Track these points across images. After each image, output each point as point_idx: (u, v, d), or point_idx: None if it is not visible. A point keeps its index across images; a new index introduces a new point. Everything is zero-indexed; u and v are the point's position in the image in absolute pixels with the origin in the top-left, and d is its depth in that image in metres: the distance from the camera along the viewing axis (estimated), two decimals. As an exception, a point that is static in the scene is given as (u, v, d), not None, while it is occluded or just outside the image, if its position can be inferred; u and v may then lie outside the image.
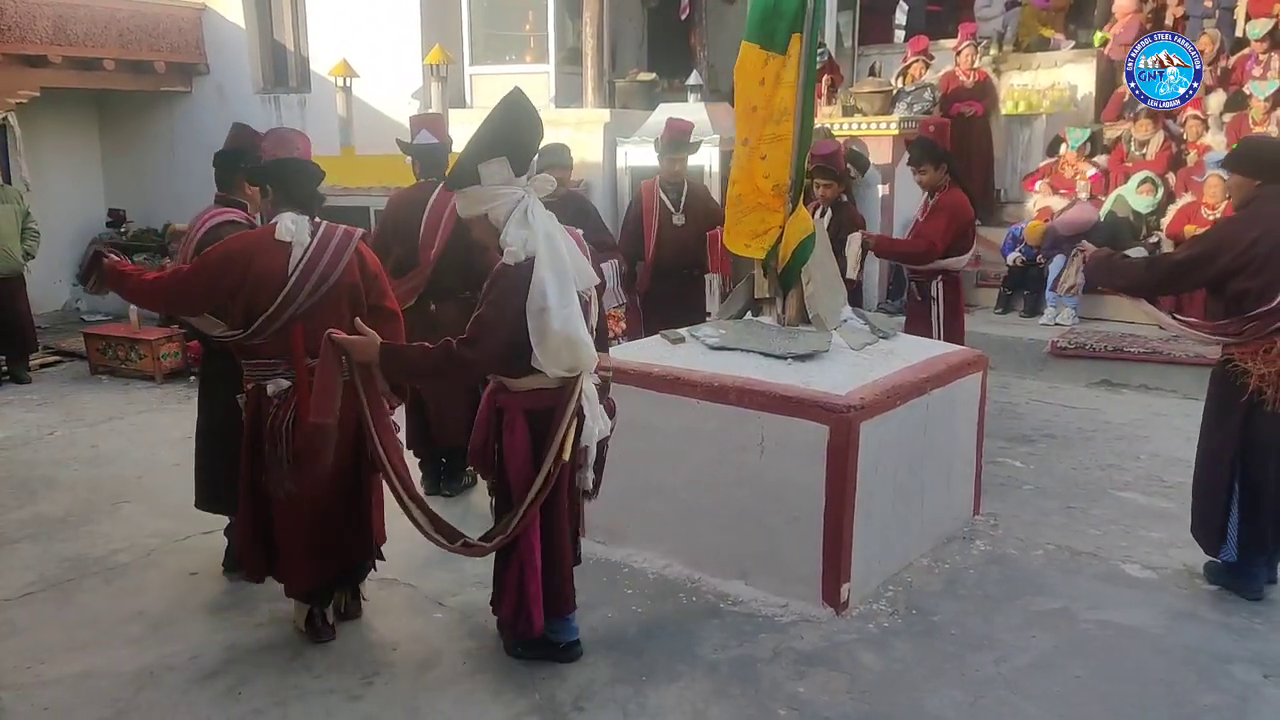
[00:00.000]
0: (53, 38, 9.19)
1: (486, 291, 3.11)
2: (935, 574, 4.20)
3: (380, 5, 9.58)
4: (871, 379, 4.02)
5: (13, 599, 4.04)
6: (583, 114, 8.94)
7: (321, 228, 3.53)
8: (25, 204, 7.98)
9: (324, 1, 9.94)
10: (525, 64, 9.59)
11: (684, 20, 10.28)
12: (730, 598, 3.96)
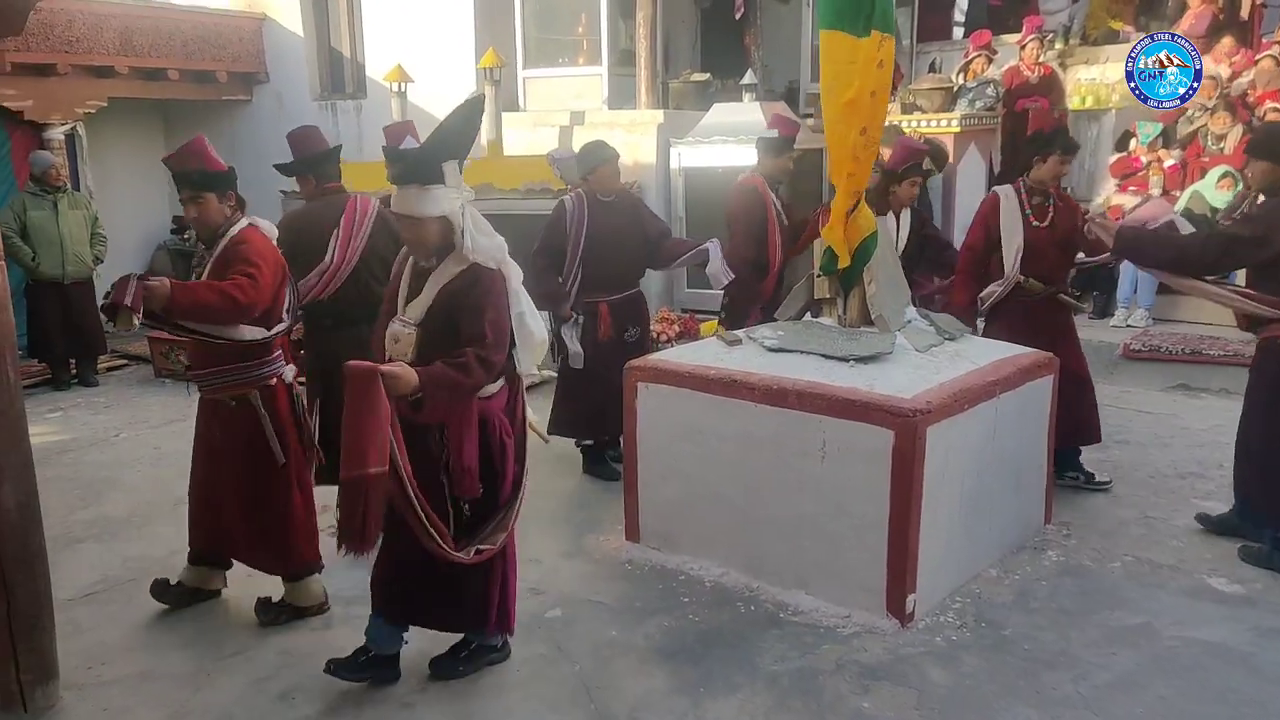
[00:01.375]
0: (119, 49, 9.40)
1: (482, 295, 3.00)
2: (1005, 585, 4.03)
3: (435, 10, 9.63)
4: (937, 382, 3.88)
5: (76, 599, 4.08)
6: (636, 115, 8.88)
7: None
8: (94, 210, 8.16)
9: (380, 8, 10.03)
10: (578, 66, 9.56)
11: (738, 20, 10.17)
12: (790, 607, 3.85)
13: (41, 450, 3.49)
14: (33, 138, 8.75)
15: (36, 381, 7.85)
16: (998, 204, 4.98)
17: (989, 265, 4.99)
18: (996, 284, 4.94)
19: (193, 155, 3.63)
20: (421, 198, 2.97)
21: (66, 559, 4.44)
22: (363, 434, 2.77)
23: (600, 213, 5.24)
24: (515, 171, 8.16)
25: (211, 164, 3.63)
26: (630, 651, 3.59)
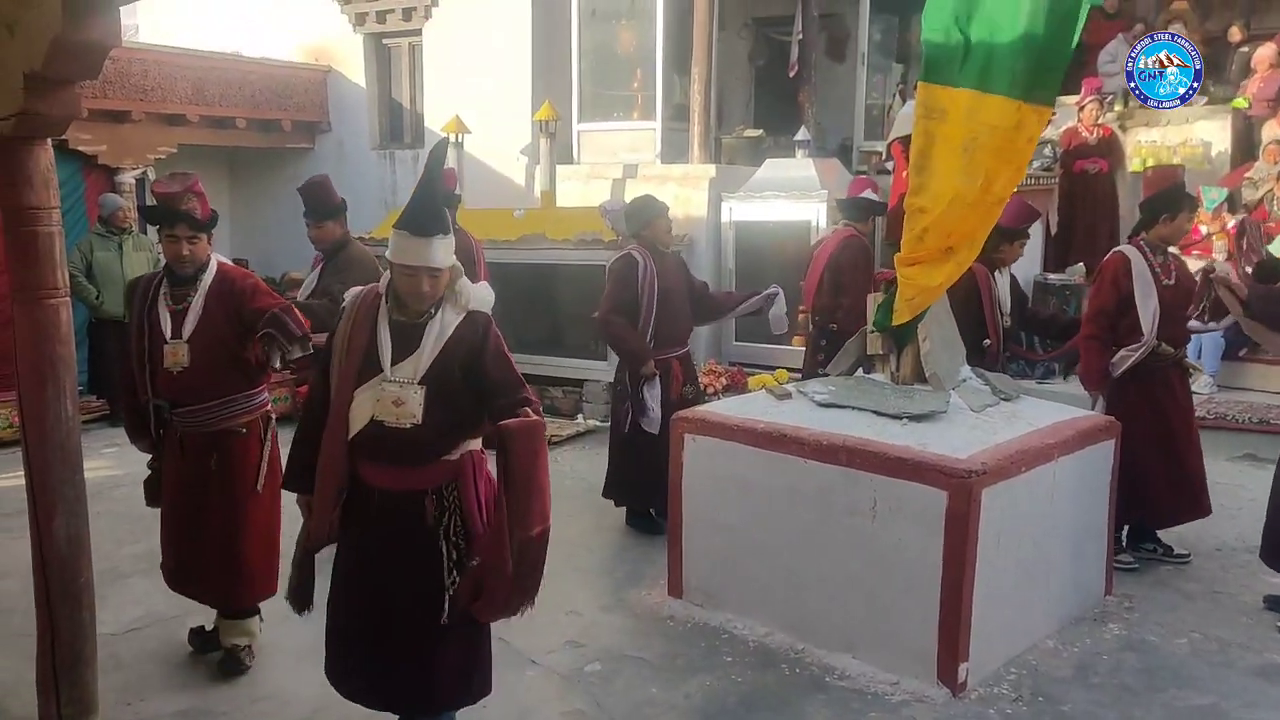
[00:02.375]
0: (191, 98, 9.76)
1: (496, 340, 2.80)
2: (1063, 658, 3.88)
3: (493, 64, 9.87)
4: (993, 443, 3.80)
5: (119, 634, 4.11)
6: (688, 169, 8.97)
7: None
8: (157, 253, 8.40)
9: (441, 61, 10.31)
10: (632, 120, 9.70)
11: (792, 78, 10.27)
12: (836, 671, 3.74)
13: (95, 484, 3.54)
14: (105, 181, 9.07)
15: (95, 417, 8.02)
16: (1127, 263, 4.75)
17: (1119, 330, 4.77)
18: (1128, 349, 4.73)
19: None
20: (445, 247, 2.73)
21: (112, 593, 4.48)
22: (544, 489, 2.61)
23: (661, 266, 5.26)
24: (568, 222, 8.26)
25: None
26: (670, 711, 3.51)
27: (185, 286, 3.68)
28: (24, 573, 3.61)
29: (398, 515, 2.77)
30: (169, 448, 3.77)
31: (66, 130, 3.26)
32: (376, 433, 2.71)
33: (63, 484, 3.24)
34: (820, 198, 8.07)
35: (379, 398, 2.70)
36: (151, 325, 3.67)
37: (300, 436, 2.94)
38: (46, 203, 3.17)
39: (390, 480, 2.75)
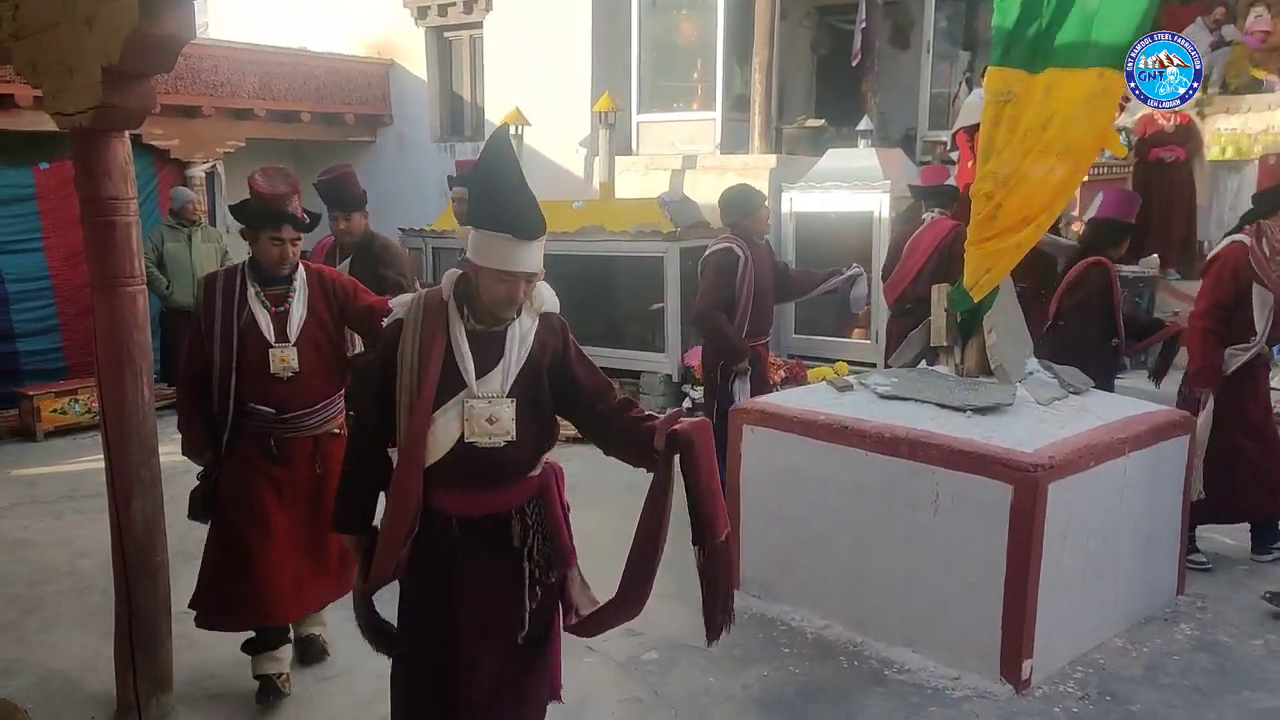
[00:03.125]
0: (258, 93, 10.00)
1: (576, 343, 2.62)
2: (1132, 657, 3.80)
3: (553, 56, 9.93)
4: (1061, 436, 3.73)
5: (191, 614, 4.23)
6: (748, 160, 8.93)
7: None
8: (225, 244, 8.65)
9: (500, 53, 10.40)
10: (692, 111, 9.68)
11: (855, 67, 10.15)
12: (896, 665, 3.72)
13: (169, 468, 3.65)
14: (176, 174, 9.35)
15: (167, 404, 8.26)
16: (1247, 255, 4.54)
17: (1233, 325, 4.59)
18: (1237, 347, 4.57)
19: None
20: (539, 252, 2.46)
21: (186, 574, 4.59)
22: (721, 496, 2.43)
23: (756, 256, 5.27)
24: (626, 214, 8.29)
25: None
26: (728, 701, 3.52)
27: (279, 286, 3.48)
28: (102, 553, 3.75)
29: (481, 542, 2.52)
30: (254, 459, 3.48)
31: (142, 123, 3.38)
32: (465, 455, 2.41)
33: (139, 467, 3.37)
34: (883, 188, 7.98)
35: (469, 417, 2.41)
36: (245, 329, 3.41)
37: (351, 475, 2.60)
38: (124, 194, 3.29)
39: (474, 505, 2.48)
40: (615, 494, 5.67)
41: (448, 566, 2.50)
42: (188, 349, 3.54)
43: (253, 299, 3.45)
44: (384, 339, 2.51)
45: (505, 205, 2.37)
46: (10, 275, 7.92)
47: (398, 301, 2.55)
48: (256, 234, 3.46)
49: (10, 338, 7.93)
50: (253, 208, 3.46)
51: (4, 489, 6.24)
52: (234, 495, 3.49)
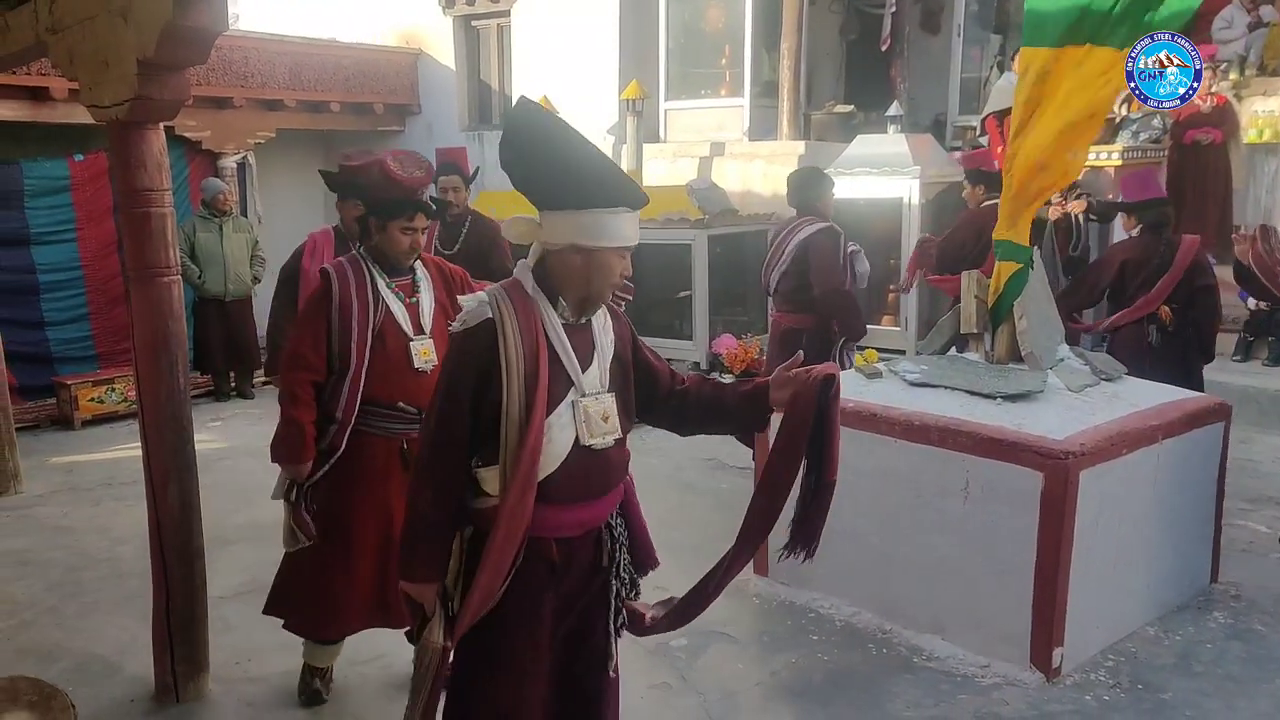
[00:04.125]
0: (288, 83, 10.08)
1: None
2: (1165, 646, 3.78)
3: (580, 43, 9.93)
4: (1093, 423, 3.70)
5: (228, 597, 4.32)
6: (777, 146, 8.89)
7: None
8: (255, 234, 8.75)
9: (528, 42, 10.42)
10: (720, 97, 9.65)
11: (884, 52, 10.06)
12: (925, 652, 3.72)
13: (203, 457, 3.71)
14: (208, 165, 9.46)
15: (200, 393, 8.41)
16: None
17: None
18: None
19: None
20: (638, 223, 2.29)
21: (220, 559, 4.70)
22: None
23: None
24: (654, 202, 8.21)
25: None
26: (756, 687, 3.53)
27: (403, 277, 3.31)
28: (140, 539, 3.83)
29: (576, 566, 2.30)
30: (380, 465, 3.25)
31: (177, 115, 3.42)
32: (579, 462, 2.22)
33: (176, 452, 3.43)
34: (913, 174, 7.91)
35: (584, 418, 2.22)
36: (383, 323, 3.20)
37: (433, 512, 2.22)
38: (159, 185, 3.34)
39: (575, 521, 2.27)
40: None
41: (539, 601, 2.25)
42: (309, 345, 3.18)
43: (385, 291, 3.25)
44: (474, 346, 2.18)
45: (606, 177, 2.18)
46: (43, 266, 8.07)
47: (473, 301, 2.24)
48: (386, 223, 3.22)
49: (40, 326, 8.07)
50: (386, 196, 3.19)
51: (43, 476, 6.37)
52: (359, 507, 3.25)
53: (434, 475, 2.22)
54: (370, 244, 3.29)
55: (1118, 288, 5.41)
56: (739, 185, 8.95)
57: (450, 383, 2.20)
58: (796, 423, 2.28)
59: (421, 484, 2.23)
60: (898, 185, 8.01)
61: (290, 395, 3.19)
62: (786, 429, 2.31)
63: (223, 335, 8.38)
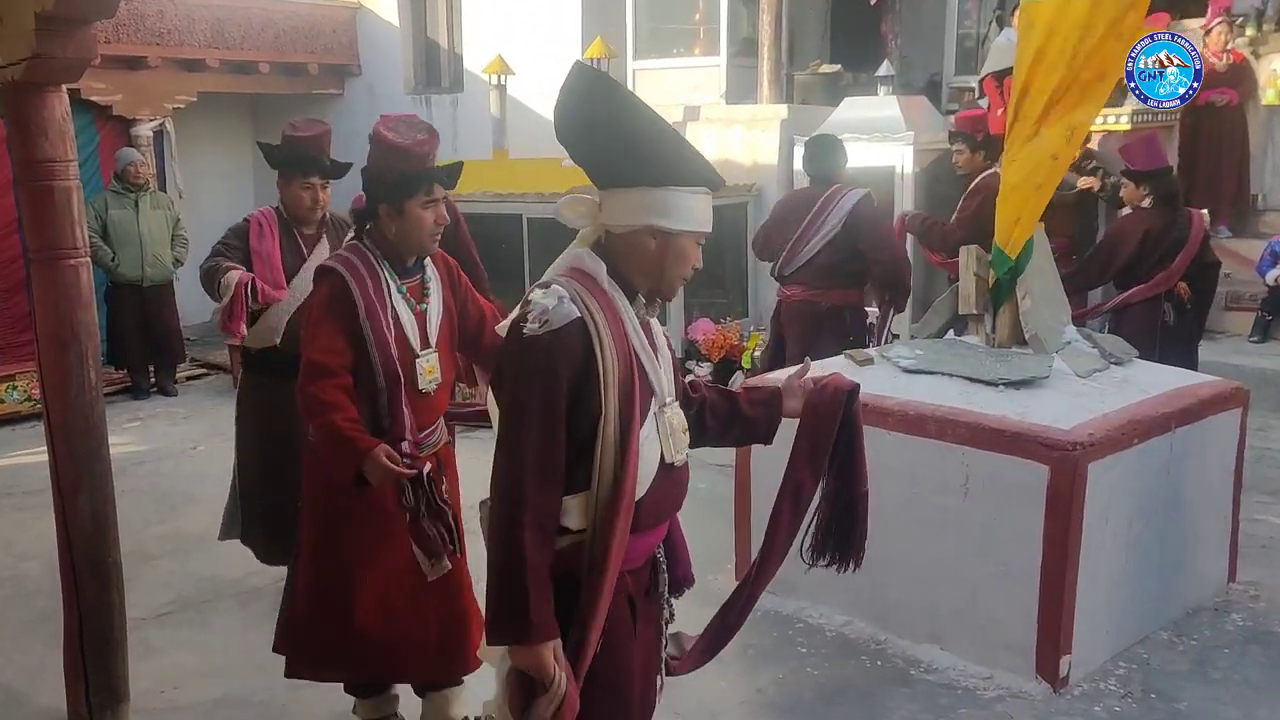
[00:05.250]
0: (210, 41, 9.93)
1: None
2: (1179, 651, 3.84)
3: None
4: (1101, 412, 3.75)
5: (149, 618, 4.28)
6: (757, 111, 8.90)
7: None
8: (176, 211, 8.62)
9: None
10: (694, 57, 9.64)
11: (873, 6, 10.10)
12: (922, 664, 3.76)
13: (119, 461, 3.68)
14: (120, 134, 9.30)
15: (115, 390, 8.28)
16: None
17: None
18: None
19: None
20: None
21: (140, 575, 4.65)
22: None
23: None
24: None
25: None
26: (740, 706, 3.56)
27: (413, 277, 3.04)
28: (48, 554, 3.78)
29: (643, 596, 2.24)
30: (367, 506, 3.00)
31: (81, 76, 3.35)
32: (662, 483, 2.15)
33: (87, 457, 3.38)
34: (906, 140, 7.95)
35: (668, 431, 2.15)
36: (398, 334, 2.96)
37: (535, 552, 1.98)
38: (63, 155, 3.27)
39: (646, 548, 2.22)
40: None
41: (628, 650, 2.18)
42: (331, 353, 2.88)
43: (395, 294, 2.97)
44: (564, 351, 2.00)
45: (683, 152, 2.13)
46: (-70, 248, 7.91)
47: (548, 296, 2.03)
48: (403, 204, 2.89)
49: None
50: (394, 171, 2.89)
51: (-61, 484, 6.26)
52: (358, 544, 3.05)
53: (536, 511, 1.98)
54: (383, 236, 2.95)
55: (1131, 263, 5.49)
56: (715, 153, 8.94)
57: (547, 396, 1.99)
58: (819, 437, 2.34)
59: (518, 525, 1.96)
60: (889, 152, 8.04)
61: (318, 403, 2.80)
62: (808, 442, 2.37)
63: (140, 325, 8.27)
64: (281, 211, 4.05)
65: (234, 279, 3.78)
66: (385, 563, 3.01)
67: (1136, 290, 5.51)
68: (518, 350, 2.03)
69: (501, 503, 2.01)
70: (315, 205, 3.96)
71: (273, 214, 4.07)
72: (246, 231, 4.04)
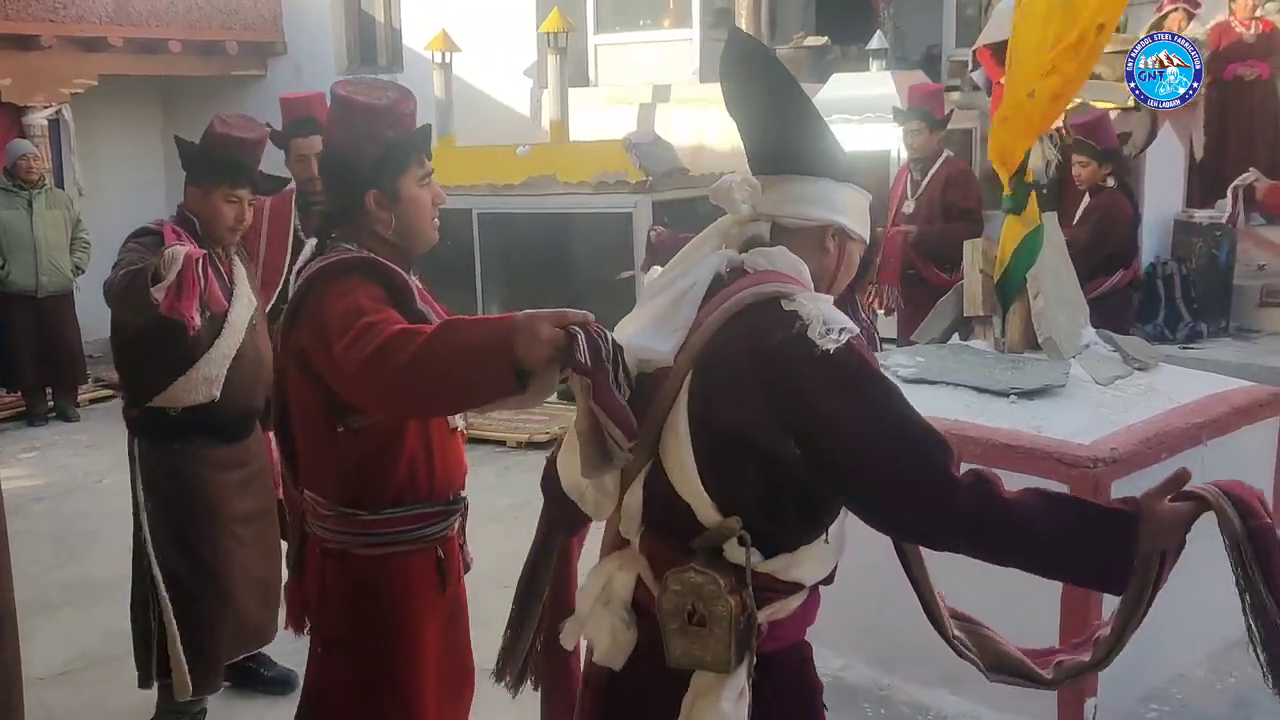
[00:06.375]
0: (113, 17, 9.88)
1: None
2: (1217, 690, 3.88)
3: (488, -36, 9.89)
4: (1125, 424, 3.78)
5: (48, 678, 4.22)
6: (735, 90, 8.93)
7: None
8: (76, 211, 8.54)
9: (421, -37, 10.35)
10: (663, 29, 9.68)
11: (864, -30, 10.20)
12: (932, 711, 3.77)
13: (13, 497, 3.63)
14: (11, 123, 9.21)
15: (8, 415, 8.21)
16: None
17: None
18: None
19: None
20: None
21: (39, 628, 4.58)
22: None
23: None
24: (585, 160, 8.28)
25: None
26: (725, 762, 3.54)
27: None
28: (-69, 605, 3.71)
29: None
30: (409, 595, 2.69)
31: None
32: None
33: (-26, 495, 3.32)
34: (901, 120, 8.00)
35: None
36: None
37: (1013, 502, 1.92)
38: (-58, 149, 3.23)
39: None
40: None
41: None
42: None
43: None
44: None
45: (840, 146, 2.08)
46: None
47: (815, 303, 1.90)
48: (396, 182, 2.49)
49: None
50: (378, 139, 2.49)
51: None
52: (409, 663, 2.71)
53: (967, 478, 1.90)
54: (374, 235, 2.50)
55: (1117, 249, 5.76)
56: (689, 138, 8.98)
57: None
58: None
59: (974, 500, 1.88)
60: (882, 135, 8.10)
61: (408, 338, 2.14)
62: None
63: (35, 341, 8.17)
64: (195, 226, 3.60)
65: (180, 251, 3.22)
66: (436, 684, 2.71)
67: (1122, 276, 5.77)
68: (834, 365, 1.83)
69: (931, 504, 1.91)
70: (238, 225, 3.63)
71: (182, 228, 3.59)
72: (161, 243, 3.45)
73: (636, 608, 2.02)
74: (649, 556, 2.00)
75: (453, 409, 2.48)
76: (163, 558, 3.64)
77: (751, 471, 1.89)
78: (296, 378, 2.47)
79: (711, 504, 1.89)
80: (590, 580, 2.11)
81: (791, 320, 1.85)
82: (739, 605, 1.86)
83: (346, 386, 2.28)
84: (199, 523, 3.64)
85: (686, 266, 2.04)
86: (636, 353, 1.95)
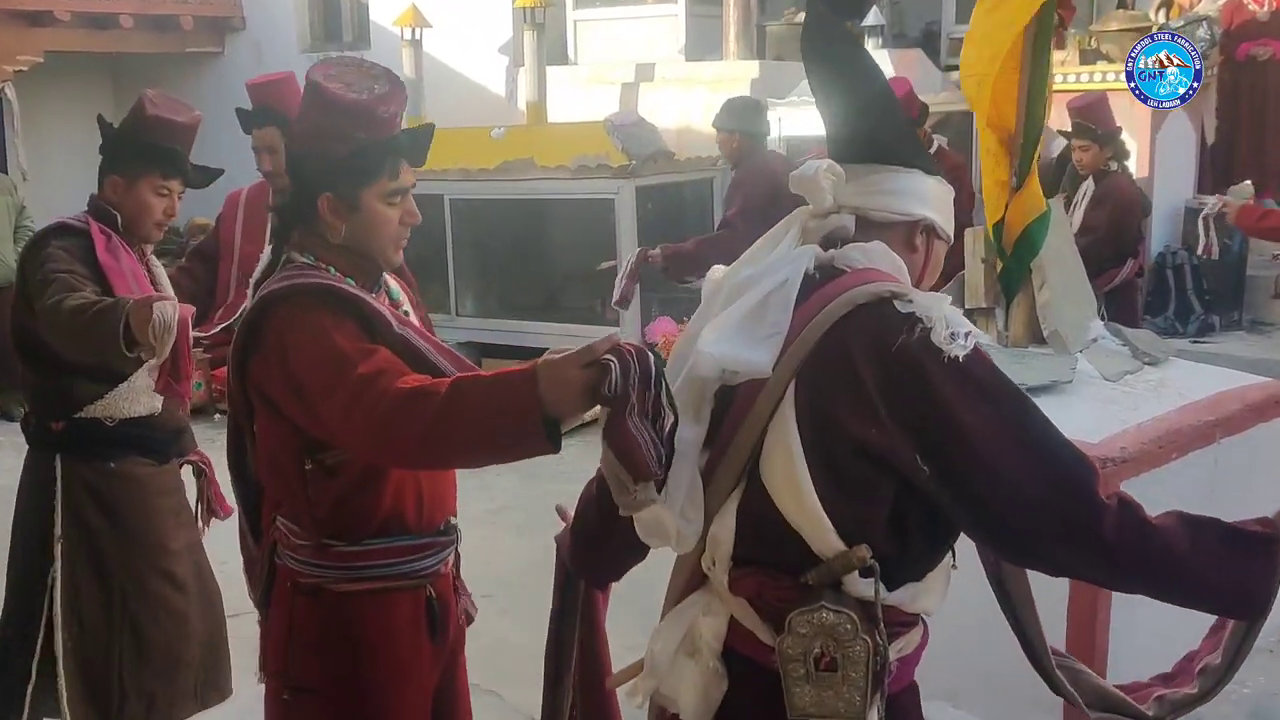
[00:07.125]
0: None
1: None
2: (1232, 702, 3.90)
3: (460, -65, 9.87)
4: (1134, 422, 3.80)
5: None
6: (722, 68, 8.95)
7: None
8: (20, 197, 8.48)
9: (389, -67, 10.31)
10: (647, 5, 9.67)
11: (858, -58, 10.21)
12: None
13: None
14: (-50, 104, 9.16)
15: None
16: None
17: None
18: None
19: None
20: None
21: None
22: None
23: None
24: (563, 144, 8.26)
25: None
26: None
27: (377, 292, 2.41)
28: None
29: None
30: (396, 640, 2.51)
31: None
32: None
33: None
34: (899, 102, 8.04)
35: None
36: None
37: (1158, 528, 1.99)
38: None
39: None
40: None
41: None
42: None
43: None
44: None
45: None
46: None
47: (940, 306, 1.84)
48: (356, 192, 2.25)
49: None
50: (347, 139, 2.24)
51: None
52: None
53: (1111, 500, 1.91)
54: (325, 244, 2.30)
55: (1130, 237, 5.88)
56: (674, 120, 8.97)
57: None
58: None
59: (1119, 521, 1.89)
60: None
61: (420, 396, 1.99)
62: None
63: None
64: (116, 221, 3.29)
65: (171, 312, 2.86)
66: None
67: (1132, 267, 5.89)
68: (965, 374, 1.80)
69: (1080, 534, 1.87)
70: (166, 221, 3.35)
71: (102, 224, 3.28)
72: (91, 246, 3.19)
73: (727, 655, 1.91)
74: (751, 596, 1.87)
75: (482, 465, 2.31)
76: (68, 597, 3.29)
77: (877, 491, 1.81)
78: (261, 412, 2.30)
79: (833, 529, 1.79)
80: (666, 628, 2.01)
81: (910, 323, 1.78)
82: (873, 645, 1.78)
83: (346, 447, 2.17)
84: (130, 558, 3.35)
85: (769, 264, 1.93)
86: (724, 364, 1.81)
